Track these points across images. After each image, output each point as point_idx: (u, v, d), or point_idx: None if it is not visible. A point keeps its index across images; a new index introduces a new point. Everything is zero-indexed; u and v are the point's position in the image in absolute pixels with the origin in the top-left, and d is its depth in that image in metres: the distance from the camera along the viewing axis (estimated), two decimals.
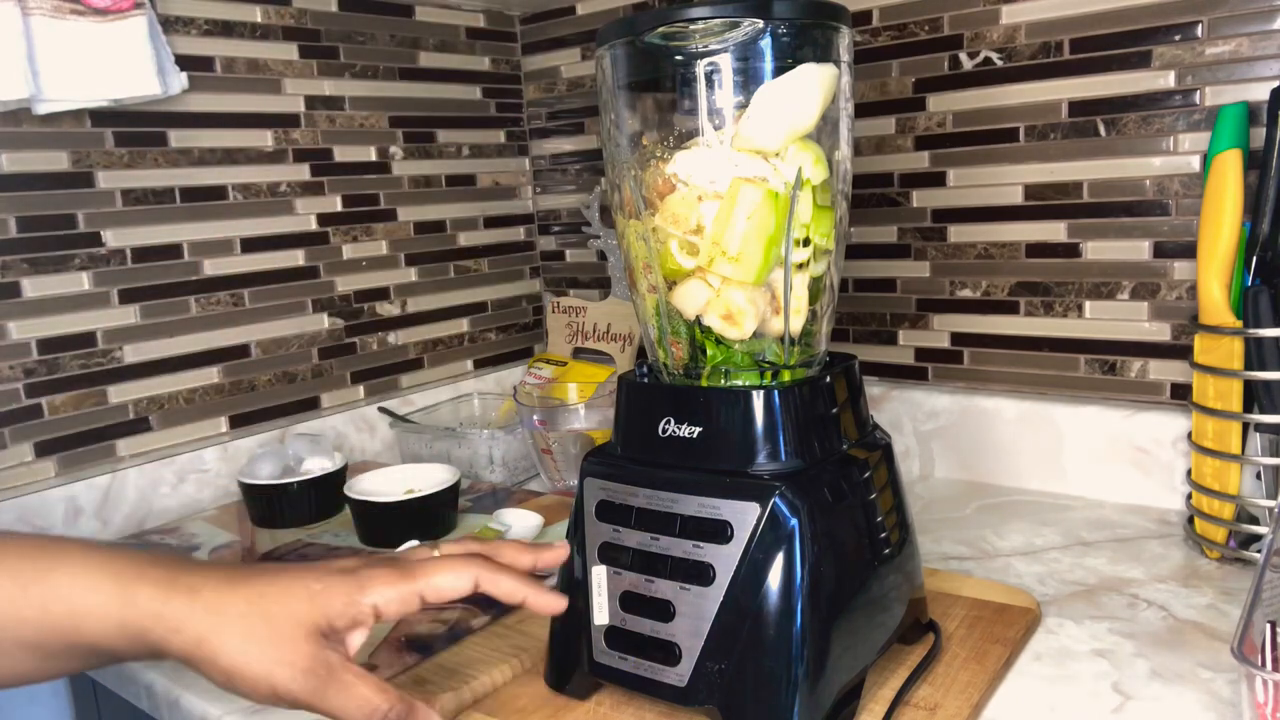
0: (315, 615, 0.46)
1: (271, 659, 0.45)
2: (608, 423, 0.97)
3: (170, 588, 0.45)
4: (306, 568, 0.49)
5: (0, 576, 0.44)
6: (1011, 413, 0.95)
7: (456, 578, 0.49)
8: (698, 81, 0.56)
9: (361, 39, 1.12)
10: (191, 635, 0.45)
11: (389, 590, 0.48)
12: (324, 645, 0.46)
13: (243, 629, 0.45)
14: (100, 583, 0.45)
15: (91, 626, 0.45)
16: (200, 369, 1.00)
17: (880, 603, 0.58)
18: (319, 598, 0.46)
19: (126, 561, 0.46)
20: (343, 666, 0.46)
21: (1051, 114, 0.90)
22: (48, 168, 0.89)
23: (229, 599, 0.46)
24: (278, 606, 0.46)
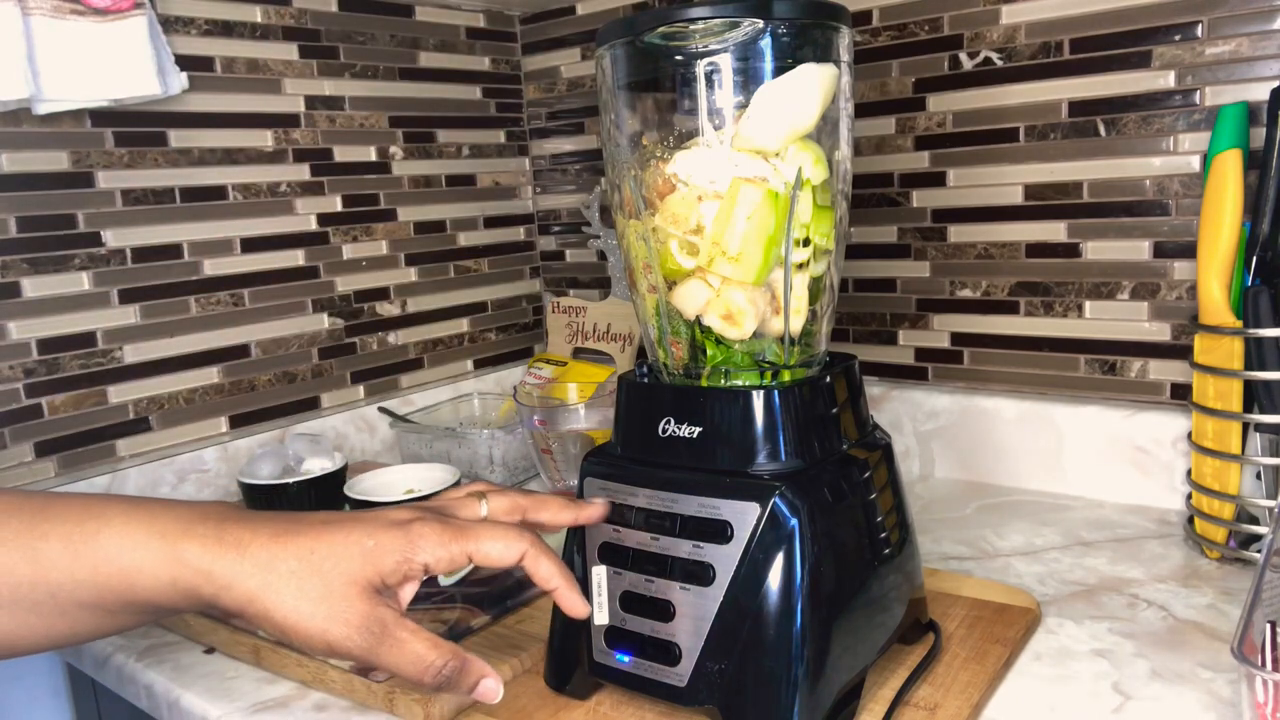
0: (368, 571, 0.46)
1: (325, 616, 0.45)
2: (608, 423, 0.97)
3: (218, 543, 0.45)
4: (356, 519, 0.48)
5: (52, 540, 0.45)
6: (1011, 413, 0.95)
7: (506, 548, 0.50)
8: (698, 81, 0.56)
9: (361, 39, 1.12)
10: (242, 592, 0.45)
11: (440, 550, 0.48)
12: (377, 602, 0.46)
13: (294, 586, 0.45)
14: (148, 540, 0.45)
15: (145, 584, 0.45)
16: (200, 369, 1.00)
17: (880, 603, 0.58)
18: (371, 554, 0.46)
19: (172, 518, 0.46)
20: (396, 623, 0.46)
21: (1051, 114, 0.90)
22: (48, 168, 0.89)
23: (279, 555, 0.45)
24: (329, 563, 0.46)
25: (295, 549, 0.46)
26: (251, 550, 0.45)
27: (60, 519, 0.45)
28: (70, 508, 0.46)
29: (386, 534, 0.47)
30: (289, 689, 0.65)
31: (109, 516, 0.46)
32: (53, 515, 0.46)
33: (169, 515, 0.46)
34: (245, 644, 0.69)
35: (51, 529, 0.45)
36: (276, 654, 0.66)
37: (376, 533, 0.47)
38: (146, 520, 0.46)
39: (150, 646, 0.72)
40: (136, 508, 0.46)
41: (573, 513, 0.57)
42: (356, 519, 0.48)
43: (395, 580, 0.47)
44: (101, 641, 0.74)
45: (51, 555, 0.45)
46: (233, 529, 0.46)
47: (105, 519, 0.46)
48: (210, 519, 0.47)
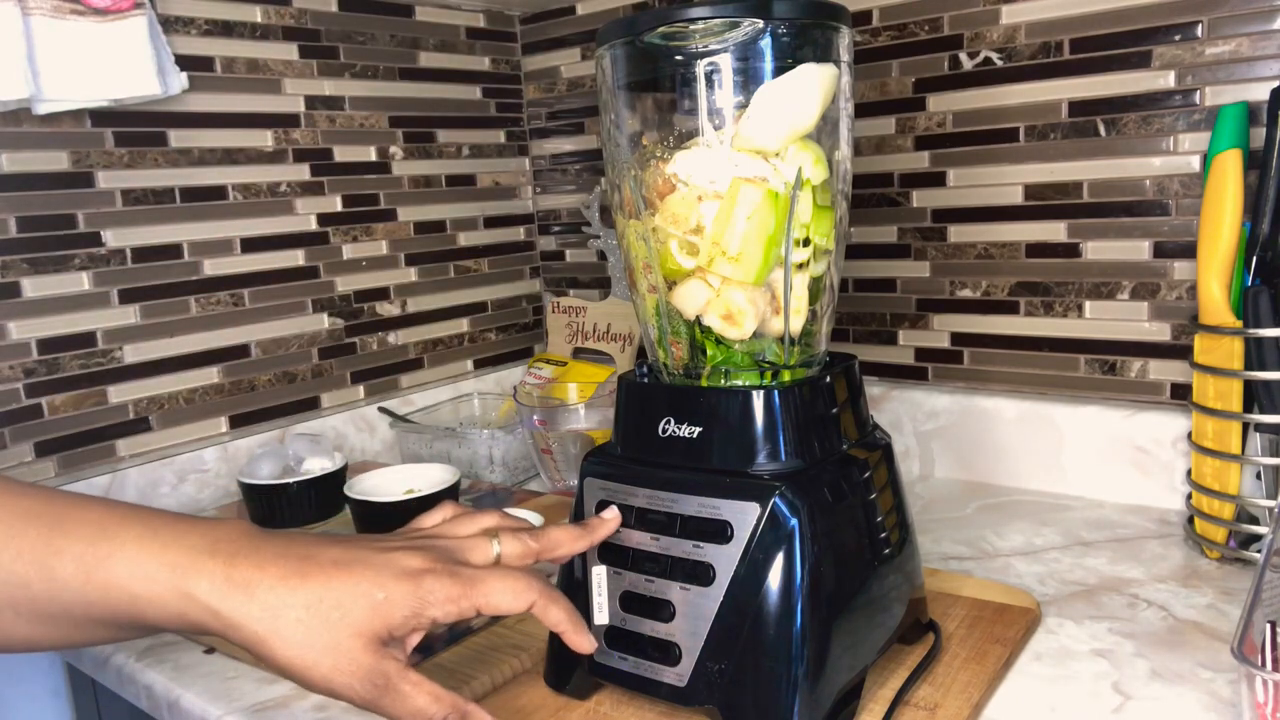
0: (375, 625, 0.46)
1: (329, 666, 0.45)
2: (608, 423, 0.97)
3: (227, 583, 0.45)
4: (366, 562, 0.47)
5: (66, 559, 0.45)
6: (1011, 413, 0.95)
7: (515, 599, 0.49)
8: (698, 81, 0.56)
9: (361, 39, 1.12)
10: (250, 634, 0.45)
11: (450, 606, 0.48)
12: (382, 655, 0.46)
13: (301, 635, 0.45)
14: (157, 574, 0.45)
15: (154, 614, 0.46)
16: (200, 369, 1.00)
17: (880, 603, 0.58)
18: (380, 608, 0.46)
19: (183, 549, 0.46)
20: (400, 676, 0.46)
21: (1051, 114, 0.90)
22: (48, 168, 0.89)
23: (286, 601, 0.45)
24: (337, 613, 0.46)
25: (304, 595, 0.46)
26: (259, 593, 0.45)
27: (75, 536, 0.46)
28: (85, 523, 0.46)
29: (397, 587, 0.47)
30: (289, 689, 0.65)
31: (122, 539, 0.46)
32: (69, 530, 0.46)
33: (179, 546, 0.46)
34: None
35: (66, 547, 0.45)
36: None
37: (387, 584, 0.47)
38: (158, 550, 0.46)
39: (150, 646, 0.72)
40: (149, 534, 0.46)
41: (586, 539, 0.56)
42: (367, 561, 0.48)
43: (403, 633, 0.48)
44: None
45: (65, 575, 0.45)
46: (242, 567, 0.46)
47: (119, 542, 0.46)
48: (220, 553, 0.46)
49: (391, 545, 0.50)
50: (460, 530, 0.54)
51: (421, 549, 0.50)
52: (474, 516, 0.55)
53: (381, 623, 0.46)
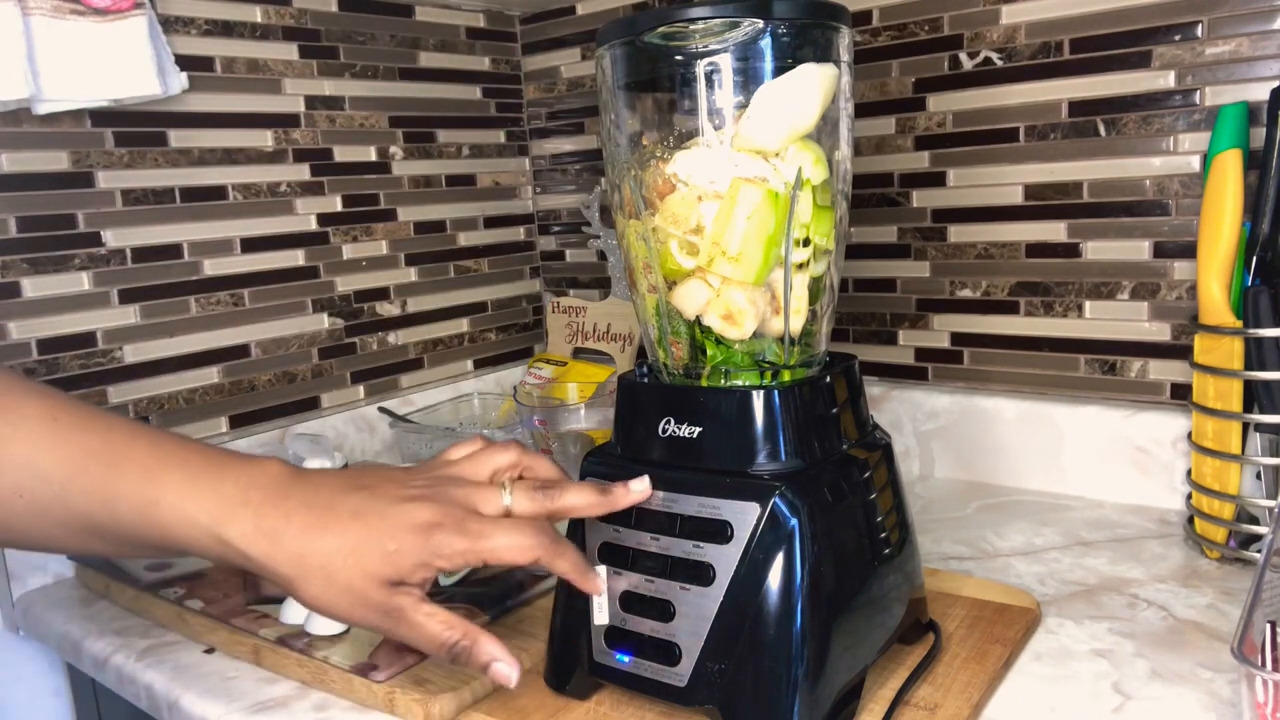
0: (387, 570, 0.51)
1: (349, 603, 0.52)
2: (608, 423, 0.97)
3: (256, 532, 0.51)
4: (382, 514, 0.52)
5: (123, 503, 0.52)
6: (1011, 413, 0.95)
7: (521, 553, 0.53)
8: (698, 81, 0.56)
9: (361, 39, 1.12)
10: (279, 576, 0.52)
11: (458, 558, 0.52)
12: (395, 592, 0.51)
13: (322, 579, 0.51)
14: (197, 518, 0.51)
15: (198, 551, 0.53)
16: (200, 369, 1.00)
17: (880, 603, 0.58)
18: (393, 558, 0.51)
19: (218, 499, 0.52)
20: (414, 607, 0.52)
21: (1051, 114, 0.90)
22: (48, 168, 0.89)
23: (308, 549, 0.51)
24: (353, 559, 0.51)
25: (324, 544, 0.51)
26: (284, 542, 0.51)
27: (129, 480, 0.52)
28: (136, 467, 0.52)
29: (409, 539, 0.51)
30: (289, 689, 0.65)
31: (166, 486, 0.52)
32: (124, 474, 0.52)
33: (215, 495, 0.52)
34: (245, 644, 0.69)
35: (122, 490, 0.52)
36: (276, 654, 0.67)
37: (399, 536, 0.51)
38: (196, 498, 0.52)
39: (150, 646, 0.72)
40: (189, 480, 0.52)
41: (605, 506, 0.56)
42: (382, 513, 0.52)
43: (414, 580, 0.52)
44: (101, 642, 0.74)
45: (124, 513, 0.52)
46: (269, 518, 0.51)
47: (164, 488, 0.52)
48: (251, 502, 0.52)
49: (410, 495, 0.54)
50: (479, 470, 0.57)
51: (434, 500, 0.53)
52: (492, 453, 0.58)
53: (392, 569, 0.51)
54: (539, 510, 0.55)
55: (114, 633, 0.75)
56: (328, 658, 0.64)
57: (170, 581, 0.78)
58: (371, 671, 0.62)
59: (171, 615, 0.74)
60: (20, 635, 0.86)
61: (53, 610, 0.81)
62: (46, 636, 0.81)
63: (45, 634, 0.81)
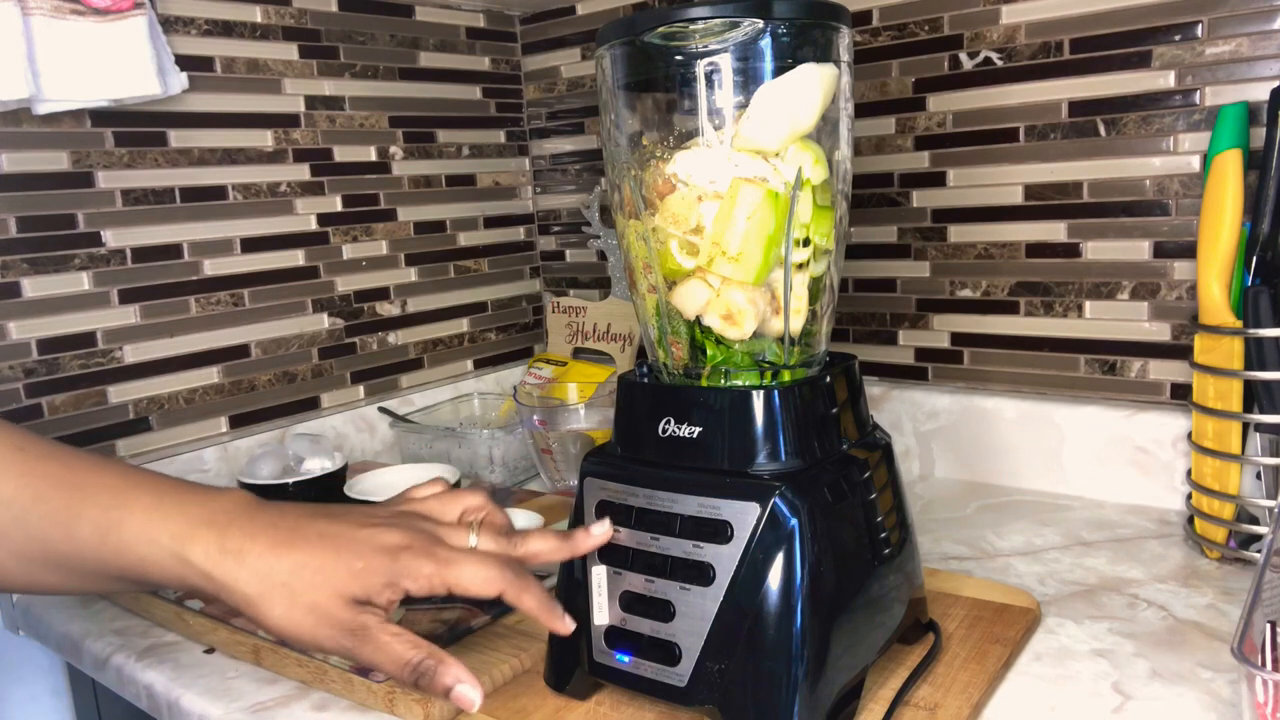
0: (354, 589, 0.50)
1: (313, 622, 0.50)
2: (608, 423, 0.97)
3: (220, 551, 0.50)
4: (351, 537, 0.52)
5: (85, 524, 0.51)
6: (1011, 413, 0.95)
7: (485, 583, 0.53)
8: (698, 81, 0.56)
9: (361, 39, 1.12)
10: (240, 597, 0.50)
11: (423, 581, 0.52)
12: (360, 610, 0.51)
13: (287, 597, 0.50)
14: (160, 539, 0.50)
15: (156, 575, 0.51)
16: (200, 369, 1.00)
17: (880, 603, 0.58)
18: (359, 576, 0.51)
19: (182, 520, 0.51)
20: (378, 628, 0.51)
21: (1051, 114, 0.90)
22: (48, 168, 0.89)
23: (274, 567, 0.50)
24: (320, 578, 0.50)
25: (289, 563, 0.50)
26: (249, 560, 0.50)
27: (93, 502, 0.51)
28: (102, 490, 0.52)
29: (376, 560, 0.51)
30: (289, 689, 0.65)
31: (132, 508, 0.51)
32: (88, 496, 0.51)
33: (180, 516, 0.51)
34: (245, 644, 0.69)
35: (85, 513, 0.51)
36: (276, 654, 0.66)
37: (366, 556, 0.51)
38: (160, 519, 0.51)
39: (150, 646, 0.72)
40: (155, 503, 0.51)
41: (566, 550, 0.57)
42: (350, 536, 0.52)
43: (380, 600, 0.52)
44: (101, 641, 0.74)
45: (83, 537, 0.51)
46: (234, 537, 0.51)
47: (129, 510, 0.51)
48: (216, 524, 0.51)
49: (376, 522, 0.54)
50: (445, 511, 0.58)
51: (403, 528, 0.54)
52: (460, 495, 0.59)
53: (359, 587, 0.51)
54: (502, 551, 0.56)
55: (114, 633, 0.75)
56: (328, 658, 0.64)
57: None
58: (371, 671, 0.62)
59: (171, 615, 0.74)
60: (20, 635, 0.86)
61: (53, 610, 0.81)
62: (46, 636, 0.81)
63: (45, 634, 0.81)
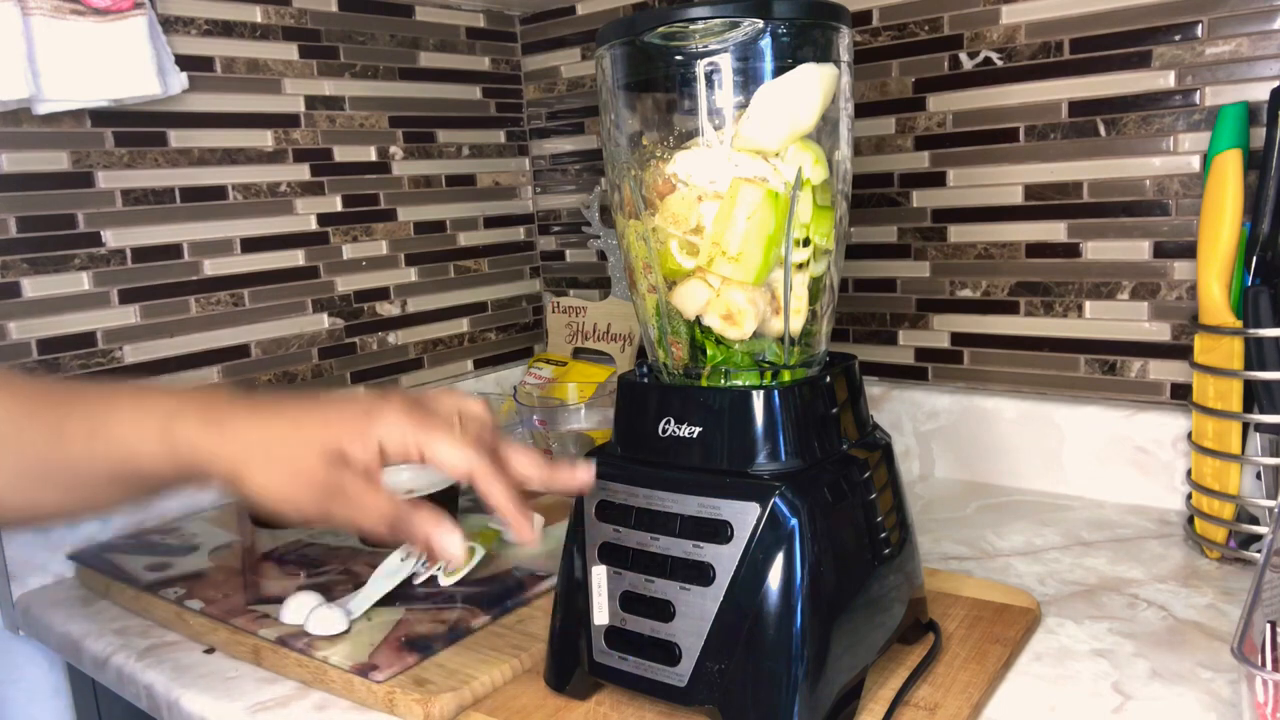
0: (327, 439, 0.51)
1: (292, 485, 0.51)
2: (608, 423, 0.97)
3: (204, 423, 0.52)
4: (329, 403, 0.53)
5: (75, 424, 0.52)
6: (1011, 413, 0.95)
7: (459, 459, 0.52)
8: (698, 81, 0.56)
9: (361, 39, 1.12)
10: (226, 462, 0.51)
11: (396, 433, 0.51)
12: (338, 469, 0.51)
13: (264, 454, 0.51)
14: (149, 424, 0.52)
15: (147, 460, 0.52)
16: (200, 369, 1.00)
17: (880, 603, 0.58)
18: (332, 424, 0.51)
19: (171, 403, 0.53)
20: (354, 486, 0.51)
21: (1051, 114, 0.90)
22: (48, 168, 0.89)
23: (252, 428, 0.51)
24: (297, 437, 0.51)
25: (269, 429, 0.52)
26: (230, 426, 0.52)
27: (82, 408, 0.53)
28: (89, 397, 0.54)
29: (351, 409, 0.52)
30: (289, 689, 0.65)
31: (120, 403, 0.53)
32: (76, 404, 0.53)
33: (168, 400, 0.53)
34: (245, 644, 0.69)
35: (74, 416, 0.52)
36: (276, 654, 0.67)
37: (343, 409, 0.52)
38: (149, 406, 0.53)
39: (150, 646, 0.72)
40: (142, 395, 0.54)
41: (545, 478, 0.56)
42: (330, 400, 0.53)
43: (356, 453, 0.51)
44: (101, 642, 0.74)
45: (74, 437, 0.52)
46: (217, 410, 0.52)
47: (116, 404, 0.53)
48: (201, 401, 0.53)
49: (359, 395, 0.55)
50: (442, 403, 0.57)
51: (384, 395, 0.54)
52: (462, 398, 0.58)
53: (331, 436, 0.51)
54: (485, 436, 0.55)
55: (114, 633, 0.75)
56: (328, 658, 0.64)
57: (170, 581, 0.78)
58: (371, 672, 0.62)
59: (171, 615, 0.74)
60: (20, 635, 0.86)
61: (53, 610, 0.81)
62: (46, 636, 0.81)
63: (45, 634, 0.81)
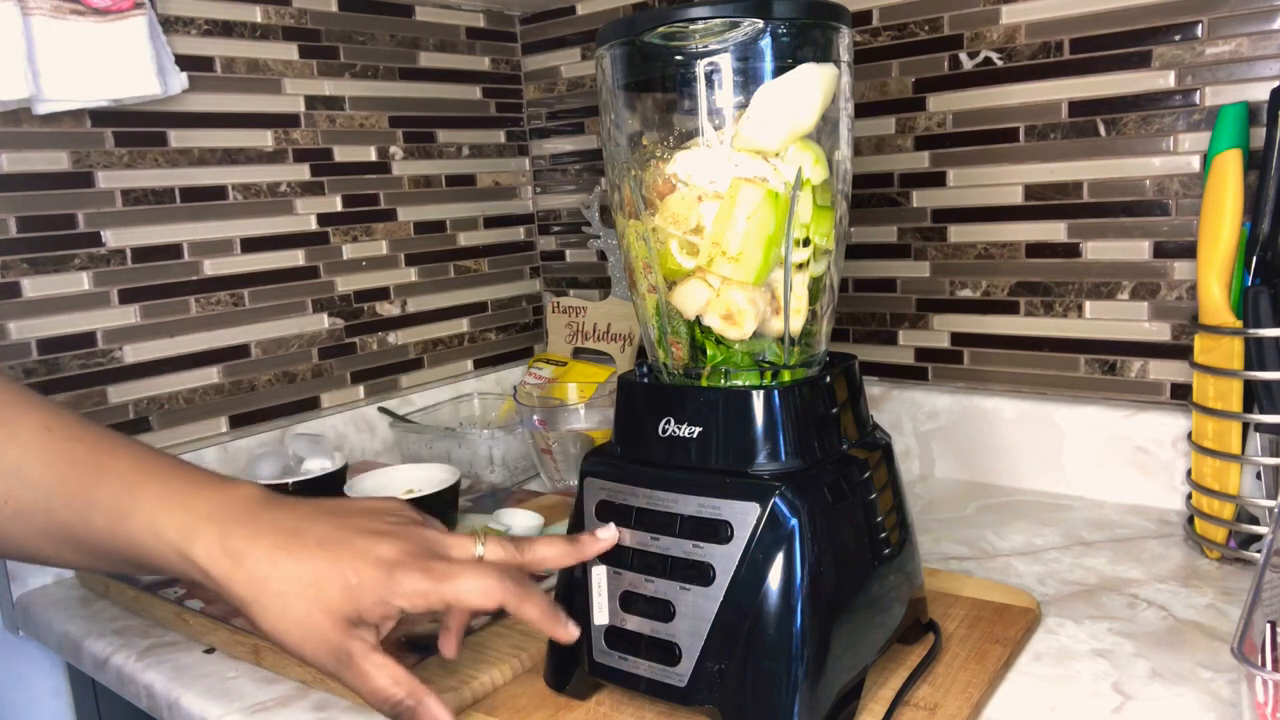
0: (346, 607, 0.50)
1: (302, 636, 0.50)
2: (608, 423, 0.97)
3: (220, 552, 0.51)
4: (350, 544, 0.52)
5: (99, 512, 0.52)
6: (1011, 413, 0.95)
7: (484, 596, 0.52)
8: (698, 81, 0.56)
9: (361, 39, 1.12)
10: (236, 599, 0.51)
11: (418, 598, 0.51)
12: (349, 634, 0.50)
13: (278, 607, 0.50)
14: (165, 534, 0.51)
15: (160, 565, 0.53)
16: (200, 369, 1.00)
17: (880, 603, 0.58)
18: (353, 592, 0.50)
19: (187, 516, 0.52)
20: (363, 655, 0.50)
21: (1051, 114, 0.90)
22: (48, 168, 0.89)
23: (269, 574, 0.50)
24: (312, 591, 0.50)
25: (285, 571, 0.50)
26: (246, 564, 0.51)
27: (107, 489, 0.52)
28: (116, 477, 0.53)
29: (370, 574, 0.51)
30: (289, 689, 0.65)
31: (143, 496, 0.52)
32: (104, 483, 0.52)
33: (185, 511, 0.52)
34: (245, 644, 0.69)
35: (100, 499, 0.52)
36: (276, 654, 0.66)
37: (361, 570, 0.51)
38: (167, 513, 0.52)
39: (150, 646, 0.72)
40: (165, 494, 0.52)
41: (574, 555, 0.57)
42: (349, 544, 0.52)
43: (373, 618, 0.51)
44: (101, 642, 0.74)
45: (97, 524, 0.52)
46: (235, 538, 0.51)
47: (140, 498, 0.52)
48: (220, 520, 0.52)
49: (378, 528, 0.53)
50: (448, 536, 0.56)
51: (403, 538, 0.53)
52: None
53: (351, 605, 0.50)
54: (510, 559, 0.55)
55: (114, 633, 0.75)
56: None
57: (170, 582, 0.78)
58: None
59: (171, 615, 0.74)
60: (20, 635, 0.86)
61: (53, 610, 0.81)
62: (46, 636, 0.81)
63: (45, 634, 0.81)
